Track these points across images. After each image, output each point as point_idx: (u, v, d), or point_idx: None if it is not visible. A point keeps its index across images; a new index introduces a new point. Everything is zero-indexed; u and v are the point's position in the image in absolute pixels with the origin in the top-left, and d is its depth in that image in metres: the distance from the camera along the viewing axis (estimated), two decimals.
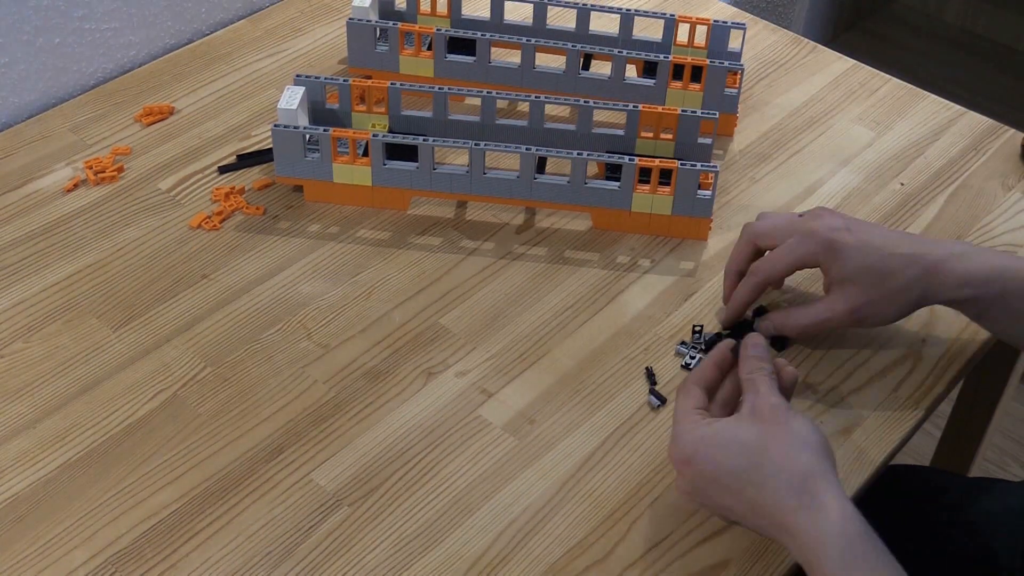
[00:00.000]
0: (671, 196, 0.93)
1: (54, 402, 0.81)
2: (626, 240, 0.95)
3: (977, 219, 0.98)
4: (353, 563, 0.72)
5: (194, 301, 0.89)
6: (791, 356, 0.86)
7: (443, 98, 0.98)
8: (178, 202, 0.98)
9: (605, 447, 0.79)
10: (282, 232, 0.95)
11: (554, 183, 0.94)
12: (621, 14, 1.07)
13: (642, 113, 0.97)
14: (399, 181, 0.96)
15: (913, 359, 0.86)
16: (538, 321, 0.88)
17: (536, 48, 1.04)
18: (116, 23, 1.10)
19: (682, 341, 0.86)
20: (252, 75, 1.12)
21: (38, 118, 1.06)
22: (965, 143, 1.07)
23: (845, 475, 0.78)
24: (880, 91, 1.13)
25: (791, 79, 1.14)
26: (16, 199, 0.97)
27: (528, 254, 0.94)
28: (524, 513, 0.75)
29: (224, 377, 0.83)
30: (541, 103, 0.97)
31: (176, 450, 0.78)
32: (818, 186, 1.01)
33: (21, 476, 0.77)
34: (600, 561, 0.73)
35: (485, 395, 0.83)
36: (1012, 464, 1.75)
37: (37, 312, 0.88)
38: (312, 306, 0.89)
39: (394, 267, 0.92)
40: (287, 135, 0.95)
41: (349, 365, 0.85)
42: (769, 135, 1.07)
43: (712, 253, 0.95)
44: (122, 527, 0.74)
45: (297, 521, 0.74)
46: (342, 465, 0.78)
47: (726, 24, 1.06)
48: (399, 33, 1.06)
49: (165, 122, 1.06)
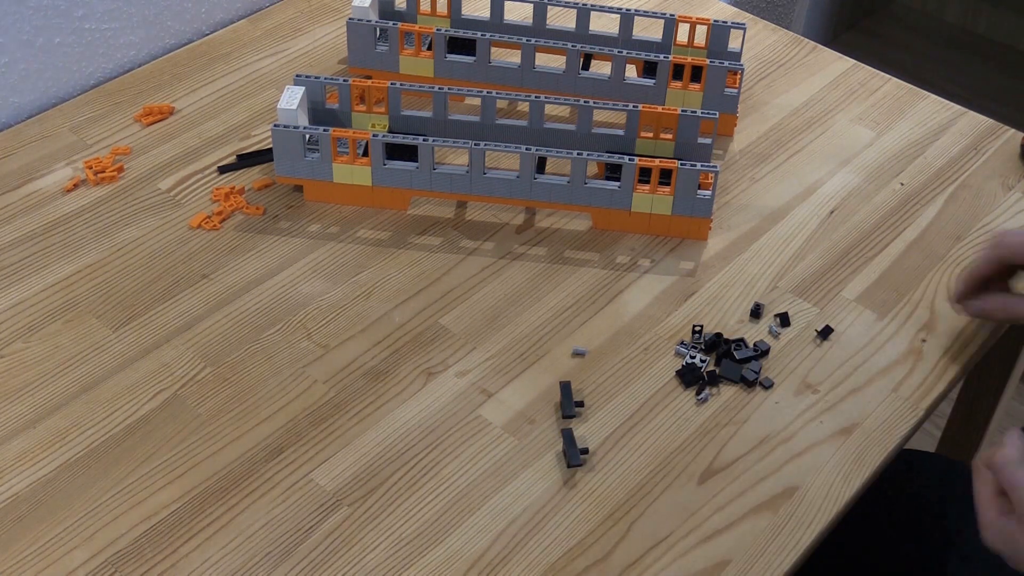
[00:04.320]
0: (671, 196, 0.93)
1: (54, 402, 0.81)
2: (626, 240, 0.95)
3: (977, 219, 0.98)
4: (353, 563, 0.72)
5: (194, 301, 0.89)
6: (788, 357, 0.86)
7: (443, 98, 0.98)
8: (178, 202, 0.98)
9: (605, 447, 0.79)
10: (282, 232, 0.95)
11: (554, 183, 0.94)
12: (621, 14, 1.07)
13: (642, 113, 0.97)
14: (399, 181, 0.96)
15: (913, 359, 0.86)
16: (538, 321, 0.88)
17: (536, 48, 1.04)
18: (116, 23, 1.10)
19: (682, 341, 0.87)
20: (252, 75, 1.12)
21: (38, 118, 1.06)
22: (965, 143, 1.07)
23: (845, 475, 0.78)
24: (880, 91, 1.13)
25: (791, 79, 1.14)
26: (16, 199, 0.97)
27: (528, 254, 0.94)
28: (524, 513, 0.75)
29: (224, 377, 0.83)
30: (541, 103, 0.97)
31: (176, 450, 0.78)
32: (818, 186, 1.01)
33: (21, 476, 0.77)
34: (600, 561, 0.73)
35: (485, 395, 0.83)
36: None
37: (37, 312, 0.88)
38: (312, 306, 0.89)
39: (394, 267, 0.92)
40: (287, 135, 0.95)
41: (349, 365, 0.85)
42: (769, 135, 1.07)
43: (712, 253, 0.95)
44: (122, 527, 0.74)
45: (297, 521, 0.74)
46: (342, 465, 0.78)
47: (726, 24, 1.06)
48: (399, 33, 1.06)
49: (165, 122, 1.06)
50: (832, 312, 0.90)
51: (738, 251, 0.95)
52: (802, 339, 0.87)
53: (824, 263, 0.94)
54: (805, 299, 0.91)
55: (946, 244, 0.96)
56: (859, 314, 0.90)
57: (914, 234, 0.97)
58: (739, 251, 0.95)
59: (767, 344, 0.86)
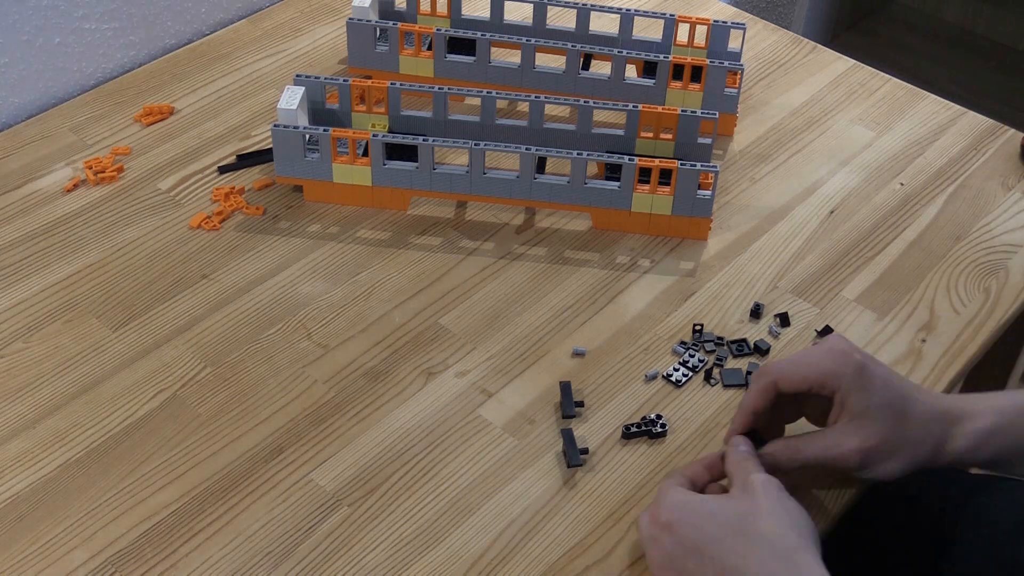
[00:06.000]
0: (671, 196, 0.93)
1: (54, 402, 0.81)
2: (626, 240, 0.96)
3: (977, 219, 0.98)
4: (353, 563, 0.72)
5: (194, 301, 0.89)
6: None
7: (443, 98, 0.98)
8: (178, 202, 0.98)
9: (605, 447, 0.79)
10: (282, 232, 0.95)
11: (554, 183, 0.94)
12: (621, 14, 1.07)
13: (642, 113, 0.97)
14: (399, 181, 0.96)
15: (913, 359, 0.86)
16: (538, 321, 0.88)
17: (536, 48, 1.04)
18: (116, 23, 1.10)
19: (681, 341, 0.86)
20: (252, 75, 1.12)
21: (38, 118, 1.06)
22: (965, 143, 1.07)
23: (845, 476, 0.78)
24: (880, 91, 1.13)
25: (791, 79, 1.14)
26: (16, 199, 0.97)
27: (528, 254, 0.94)
28: (524, 513, 0.75)
29: (224, 377, 0.83)
30: (541, 103, 0.98)
31: (176, 450, 0.78)
32: (818, 186, 1.01)
33: (21, 476, 0.77)
34: (600, 561, 0.73)
35: (485, 395, 0.83)
36: None
37: (37, 312, 0.88)
38: (312, 306, 0.89)
39: (394, 267, 0.92)
40: (287, 135, 0.95)
41: (349, 365, 0.85)
42: (769, 135, 1.07)
43: (712, 253, 0.95)
44: (122, 527, 0.74)
45: (297, 521, 0.74)
46: (342, 465, 0.78)
47: (726, 24, 1.06)
48: (399, 33, 1.06)
49: (165, 122, 1.06)
50: (832, 312, 0.90)
51: (738, 251, 0.95)
52: (802, 339, 0.87)
53: (824, 263, 0.94)
54: (805, 299, 0.91)
55: (946, 244, 0.96)
56: (859, 314, 0.90)
57: (914, 234, 0.97)
58: (739, 251, 0.95)
59: (767, 344, 0.86)
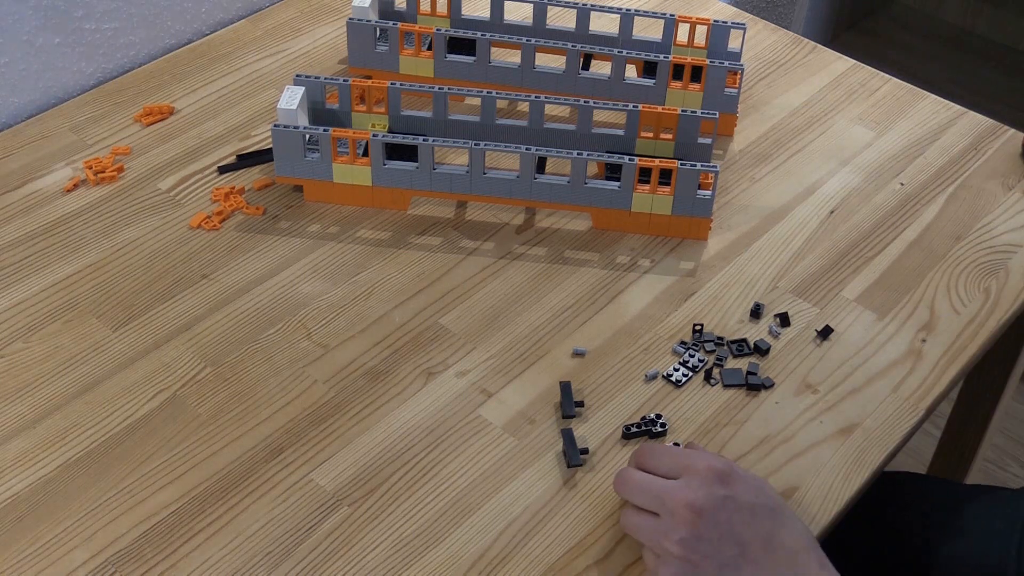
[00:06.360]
0: (671, 196, 0.93)
1: (54, 402, 0.81)
2: (626, 240, 0.96)
3: (977, 219, 0.98)
4: (353, 563, 0.72)
5: (194, 301, 0.89)
6: (788, 357, 0.86)
7: (443, 98, 0.98)
8: (178, 202, 0.98)
9: (605, 447, 0.79)
10: (282, 232, 0.95)
11: (554, 183, 0.94)
12: (621, 14, 1.07)
13: (642, 113, 0.97)
14: (399, 181, 0.96)
15: (913, 359, 0.86)
16: (538, 321, 0.88)
17: (536, 48, 1.04)
18: (116, 23, 1.10)
19: (681, 341, 0.86)
20: (252, 75, 1.12)
21: (38, 118, 1.06)
22: (965, 143, 1.07)
23: (845, 476, 0.78)
24: (880, 91, 1.13)
25: (791, 79, 1.14)
26: (16, 199, 0.97)
27: (528, 254, 0.94)
28: (524, 513, 0.75)
29: (224, 377, 0.83)
30: (541, 103, 0.98)
31: (176, 450, 0.78)
32: (818, 186, 1.01)
33: (21, 476, 0.77)
34: (600, 561, 0.73)
35: (485, 395, 0.83)
36: (1012, 464, 1.75)
37: (37, 312, 0.88)
38: (312, 306, 0.89)
39: (394, 267, 0.92)
40: (287, 135, 0.95)
41: (349, 365, 0.85)
42: (769, 135, 1.07)
43: (712, 253, 0.95)
44: (122, 527, 0.74)
45: (297, 521, 0.74)
46: (342, 465, 0.78)
47: (726, 24, 1.06)
48: (399, 33, 1.06)
49: (165, 122, 1.06)
50: (832, 312, 0.90)
51: (738, 251, 0.95)
52: (802, 339, 0.87)
53: (824, 263, 0.94)
54: (805, 299, 0.91)
55: (946, 244, 0.96)
56: (859, 314, 0.90)
57: (914, 234, 0.97)
58: (739, 251, 0.95)
59: (767, 344, 0.86)
